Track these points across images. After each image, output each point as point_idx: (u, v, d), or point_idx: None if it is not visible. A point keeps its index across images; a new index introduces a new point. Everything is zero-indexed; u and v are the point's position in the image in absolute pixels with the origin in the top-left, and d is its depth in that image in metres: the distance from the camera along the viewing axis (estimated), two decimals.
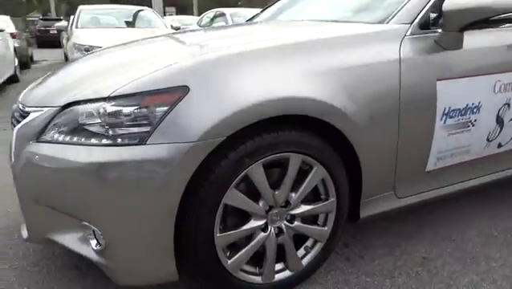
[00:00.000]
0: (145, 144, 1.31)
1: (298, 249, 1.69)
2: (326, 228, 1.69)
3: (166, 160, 1.30)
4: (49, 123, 1.47)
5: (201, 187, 1.39)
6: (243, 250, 1.53)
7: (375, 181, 1.74)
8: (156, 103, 1.34)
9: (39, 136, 1.47)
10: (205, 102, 1.35)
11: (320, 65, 1.54)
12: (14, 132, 1.57)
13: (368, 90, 1.61)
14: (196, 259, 1.45)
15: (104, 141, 1.35)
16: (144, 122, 1.33)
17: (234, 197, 1.44)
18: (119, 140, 1.33)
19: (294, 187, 1.58)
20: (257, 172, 1.45)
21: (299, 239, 1.70)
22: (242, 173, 1.43)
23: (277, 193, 1.53)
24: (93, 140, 1.37)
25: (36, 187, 1.49)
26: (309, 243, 1.72)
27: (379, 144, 1.68)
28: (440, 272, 1.81)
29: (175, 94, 1.34)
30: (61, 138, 1.42)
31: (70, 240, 1.48)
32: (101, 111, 1.36)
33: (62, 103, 1.47)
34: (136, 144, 1.32)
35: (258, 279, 1.60)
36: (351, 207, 1.78)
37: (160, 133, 1.31)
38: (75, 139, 1.39)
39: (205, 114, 1.33)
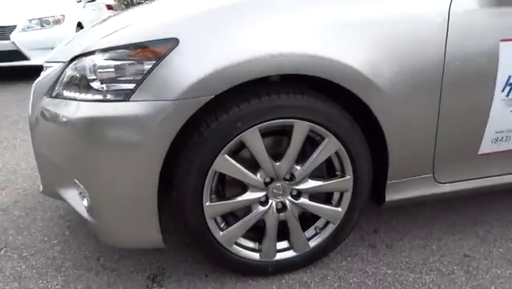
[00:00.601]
0: (129, 100, 1.23)
1: (307, 228, 1.52)
2: (340, 209, 1.48)
3: (147, 119, 1.20)
4: (58, 78, 1.47)
5: (189, 151, 1.28)
6: (237, 223, 1.41)
7: (406, 161, 1.47)
8: (142, 57, 1.24)
9: (51, 91, 1.48)
10: (194, 56, 1.21)
11: (336, 16, 1.29)
12: (33, 86, 1.61)
13: (400, 51, 1.33)
14: (185, 228, 1.37)
15: (96, 97, 1.29)
16: (130, 78, 1.24)
17: (225, 165, 1.31)
18: (108, 96, 1.27)
19: (302, 160, 1.39)
20: (252, 139, 1.30)
21: (311, 218, 1.52)
22: (235, 139, 1.28)
23: (278, 164, 1.36)
24: (88, 96, 1.32)
25: (43, 141, 1.51)
26: (320, 224, 1.53)
27: (411, 119, 1.40)
28: (480, 274, 1.50)
29: (162, 47, 1.22)
30: (65, 93, 1.41)
31: (70, 196, 1.48)
32: (92, 65, 1.30)
33: (68, 59, 1.45)
34: (120, 101, 1.24)
35: (255, 256, 1.47)
36: (378, 188, 1.55)
37: (143, 90, 1.22)
38: (74, 94, 1.37)
39: (192, 69, 1.20)
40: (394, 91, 1.34)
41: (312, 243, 1.51)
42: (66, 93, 1.40)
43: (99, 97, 1.28)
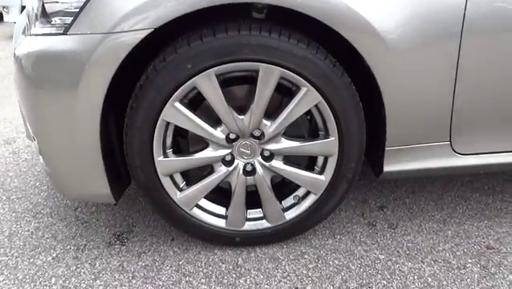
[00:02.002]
0: (66, 34, 1.07)
1: (287, 197, 1.30)
2: (322, 177, 1.23)
3: (79, 55, 1.04)
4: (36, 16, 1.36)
5: (135, 98, 1.10)
6: (197, 184, 1.22)
7: (412, 124, 1.16)
8: None
9: (24, 30, 1.38)
10: None
11: None
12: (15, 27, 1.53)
13: None
14: (137, 183, 1.22)
15: (40, 31, 1.15)
16: (72, 8, 1.08)
17: (176, 115, 1.11)
18: (51, 31, 1.12)
19: (274, 115, 1.15)
20: (207, 84, 1.08)
21: (295, 187, 1.29)
22: (186, 84, 1.07)
23: (242, 117, 1.14)
24: (35, 30, 1.18)
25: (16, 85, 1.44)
26: (300, 192, 1.29)
27: (418, 72, 1.08)
28: (500, 273, 1.17)
29: None
30: (33, 30, 1.29)
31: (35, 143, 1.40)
32: None
33: None
34: (59, 34, 1.09)
35: (221, 222, 1.28)
36: (376, 155, 1.26)
37: (80, 22, 1.05)
38: (36, 30, 1.24)
39: None
40: (394, 36, 1.03)
41: (289, 215, 1.28)
42: (34, 30, 1.28)
43: (43, 31, 1.14)
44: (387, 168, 1.23)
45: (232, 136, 1.17)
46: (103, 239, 1.41)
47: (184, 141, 1.27)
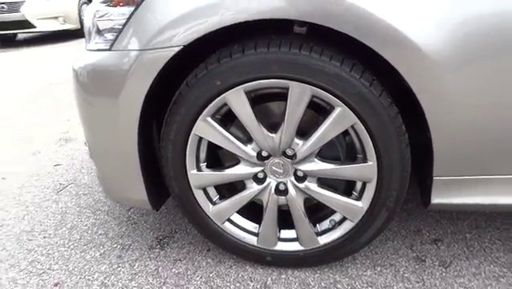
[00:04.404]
0: (110, 50, 1.14)
1: (321, 220, 1.23)
2: (359, 203, 1.13)
3: (119, 69, 1.09)
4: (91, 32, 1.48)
5: (170, 112, 1.13)
6: (229, 199, 1.21)
7: (465, 152, 1.01)
8: (124, 3, 1.12)
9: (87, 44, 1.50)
10: (164, 1, 1.03)
11: None
12: None
13: None
14: (172, 193, 1.25)
15: (98, 46, 1.25)
16: (117, 25, 1.14)
17: (208, 130, 1.12)
18: (102, 46, 1.21)
19: (308, 134, 1.09)
20: (236, 101, 1.06)
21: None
22: (216, 100, 1.07)
23: (273, 136, 1.10)
24: (97, 46, 1.28)
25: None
26: (336, 217, 1.21)
27: (471, 94, 0.93)
28: None
29: None
30: (89, 46, 1.40)
31: None
32: (96, 13, 1.25)
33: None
34: (106, 50, 1.16)
35: (252, 240, 1.26)
36: (425, 184, 1.13)
37: (121, 39, 1.10)
38: (91, 45, 1.34)
39: (161, 16, 1.03)
40: (445, 54, 0.91)
41: (323, 240, 1.21)
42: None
43: (97, 47, 1.22)
44: (435, 199, 1.09)
45: (264, 153, 1.14)
46: (146, 242, 1.48)
47: (222, 156, 1.27)
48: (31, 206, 1.82)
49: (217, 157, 1.28)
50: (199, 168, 1.20)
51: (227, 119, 1.16)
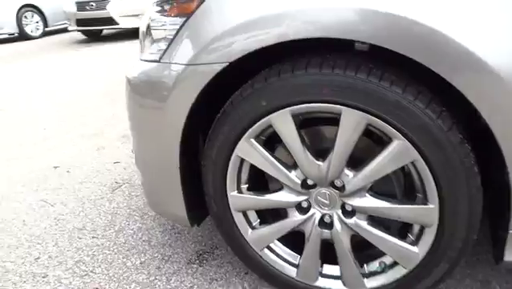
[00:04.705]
0: (159, 61, 1.11)
1: (370, 261, 1.10)
2: (415, 248, 0.99)
3: (164, 83, 1.06)
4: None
5: (212, 131, 1.07)
6: (269, 226, 1.13)
7: None
8: (176, 13, 1.08)
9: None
10: (216, 14, 0.97)
11: None
12: None
13: None
14: (211, 213, 1.19)
15: (150, 57, 1.23)
16: (168, 36, 1.11)
17: (250, 152, 1.04)
18: (153, 57, 1.18)
19: (361, 165, 0.97)
20: (282, 124, 0.97)
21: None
22: (261, 122, 0.99)
23: (320, 164, 0.99)
24: (150, 57, 1.27)
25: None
26: (387, 260, 1.07)
27: None
28: None
29: (190, 4, 1.03)
30: (142, 56, 1.39)
31: None
32: (149, 22, 1.23)
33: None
34: (156, 62, 1.14)
35: (292, 271, 1.16)
36: (497, 237, 0.95)
37: (170, 51, 1.07)
38: (144, 56, 1.32)
39: (207, 30, 0.97)
40: None
41: (370, 283, 1.07)
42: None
43: (150, 57, 1.21)
44: (509, 256, 0.91)
45: (309, 182, 1.04)
46: (185, 255, 1.45)
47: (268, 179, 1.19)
48: (87, 203, 1.89)
49: (262, 180, 1.21)
50: (239, 190, 1.13)
51: (273, 140, 1.08)
